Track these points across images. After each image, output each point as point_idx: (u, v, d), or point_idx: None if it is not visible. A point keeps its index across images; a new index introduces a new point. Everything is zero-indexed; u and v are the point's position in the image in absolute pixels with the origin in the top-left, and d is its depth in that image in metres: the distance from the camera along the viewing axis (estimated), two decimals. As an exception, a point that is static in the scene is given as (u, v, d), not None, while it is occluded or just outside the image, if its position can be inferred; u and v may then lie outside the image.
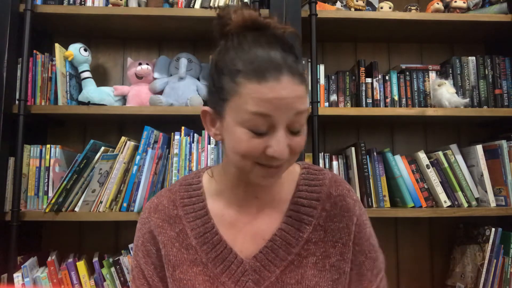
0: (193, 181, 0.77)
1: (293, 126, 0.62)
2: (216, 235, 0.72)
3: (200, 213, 0.74)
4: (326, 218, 0.73)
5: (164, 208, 0.75)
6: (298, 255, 0.70)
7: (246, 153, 0.62)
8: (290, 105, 0.60)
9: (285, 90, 0.59)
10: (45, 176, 1.38)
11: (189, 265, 0.71)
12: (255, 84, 0.59)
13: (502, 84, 1.54)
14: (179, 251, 0.72)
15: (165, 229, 0.74)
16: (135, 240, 0.78)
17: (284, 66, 0.60)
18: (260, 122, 0.60)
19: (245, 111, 0.60)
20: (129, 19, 1.45)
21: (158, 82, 1.51)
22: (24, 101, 1.33)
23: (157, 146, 1.38)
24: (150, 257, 0.75)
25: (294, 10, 1.39)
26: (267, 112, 0.59)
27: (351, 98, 1.56)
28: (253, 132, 0.61)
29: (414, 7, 1.51)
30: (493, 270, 1.34)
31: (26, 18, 1.35)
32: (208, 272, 0.70)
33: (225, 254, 0.71)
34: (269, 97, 0.59)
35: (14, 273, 1.27)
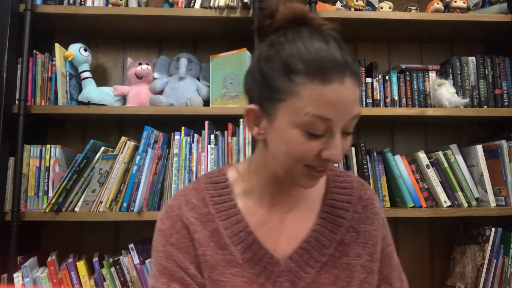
0: (220, 179, 0.74)
1: (346, 129, 0.61)
2: (250, 234, 0.69)
3: (232, 211, 0.71)
4: (358, 220, 0.73)
5: (194, 206, 0.71)
6: (331, 256, 0.70)
7: (301, 155, 0.60)
8: (350, 108, 0.59)
9: (347, 93, 0.57)
10: (45, 176, 1.38)
11: (225, 266, 0.68)
12: (318, 86, 0.56)
13: (502, 84, 1.54)
14: (214, 251, 0.68)
15: (199, 228, 0.69)
16: (165, 238, 0.70)
17: (346, 67, 0.58)
18: (320, 125, 0.58)
19: (305, 113, 0.57)
20: (129, 19, 1.45)
21: (158, 82, 1.51)
22: (24, 101, 1.33)
23: (157, 146, 1.38)
24: (189, 254, 0.69)
25: (294, 10, 1.39)
26: (329, 116, 0.57)
27: (351, 98, 1.55)
28: (309, 135, 0.59)
29: (414, 7, 1.51)
30: (493, 270, 1.34)
31: (26, 18, 1.35)
32: (245, 273, 0.68)
33: (260, 255, 0.69)
34: (332, 100, 0.57)
35: (14, 273, 1.27)
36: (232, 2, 1.40)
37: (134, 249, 1.33)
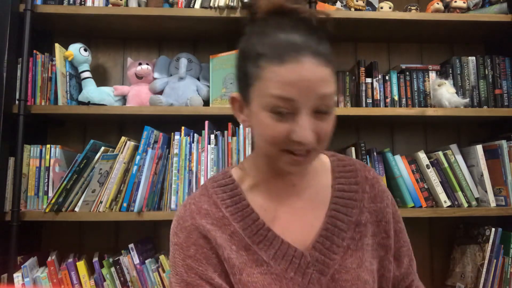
0: (226, 181, 0.74)
1: (318, 109, 0.60)
2: (269, 231, 0.69)
3: (246, 211, 0.70)
4: (368, 199, 0.74)
5: (207, 212, 0.70)
6: (352, 239, 0.71)
7: (271, 138, 0.62)
8: (313, 87, 0.58)
9: (306, 72, 0.58)
10: (45, 176, 1.38)
11: (251, 266, 0.67)
12: (276, 67, 0.58)
13: (502, 84, 1.54)
14: (238, 253, 0.68)
15: (217, 233, 0.68)
16: (182, 252, 0.68)
17: (304, 47, 0.58)
18: (283, 106, 0.59)
19: (268, 95, 0.59)
20: (129, 19, 1.45)
21: (158, 82, 1.51)
22: (24, 101, 1.33)
23: (157, 146, 1.38)
24: (210, 264, 0.67)
25: (294, 10, 1.39)
26: (289, 96, 0.58)
27: (351, 98, 1.56)
28: (277, 116, 0.60)
29: (414, 7, 1.51)
30: (493, 270, 1.34)
31: (26, 18, 1.35)
32: (273, 270, 0.67)
33: (283, 249, 0.68)
34: (290, 80, 0.58)
35: (14, 273, 1.27)
36: (232, 2, 1.40)
37: (134, 249, 1.33)
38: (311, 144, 0.60)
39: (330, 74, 0.61)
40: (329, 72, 0.60)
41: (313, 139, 0.60)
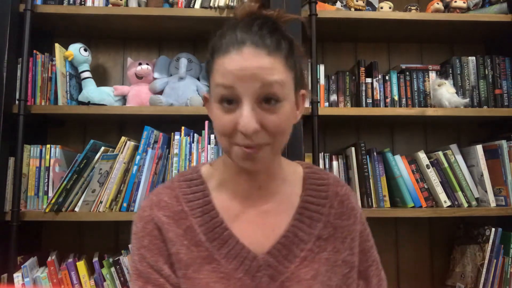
0: (193, 176, 0.75)
1: (263, 96, 0.61)
2: (226, 230, 0.70)
3: (206, 208, 0.71)
4: (335, 215, 0.74)
5: (167, 205, 0.71)
6: (310, 251, 0.71)
7: (220, 129, 0.64)
8: (254, 75, 0.60)
9: (246, 61, 0.60)
10: (45, 176, 1.38)
11: (200, 263, 0.68)
12: (221, 58, 0.62)
13: (502, 84, 1.54)
14: (188, 249, 0.69)
15: (171, 226, 0.70)
16: (138, 241, 0.70)
17: (247, 39, 0.61)
18: (226, 94, 0.61)
19: (215, 85, 0.63)
20: (129, 19, 1.45)
21: (158, 82, 1.51)
22: (24, 101, 1.33)
23: (157, 146, 1.38)
24: (161, 255, 0.69)
25: (294, 10, 1.39)
26: (230, 83, 0.61)
27: (351, 98, 1.56)
28: (224, 107, 0.62)
29: (414, 7, 1.51)
30: (493, 270, 1.34)
31: (26, 18, 1.35)
32: (222, 269, 0.68)
33: (237, 250, 0.69)
34: (231, 68, 0.61)
35: (14, 273, 1.27)
36: (232, 2, 1.40)
37: (134, 249, 1.33)
38: (252, 133, 0.60)
39: (274, 63, 0.62)
40: (273, 61, 0.61)
41: (254, 128, 0.60)
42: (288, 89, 0.65)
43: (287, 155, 1.30)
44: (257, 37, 0.62)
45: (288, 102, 0.64)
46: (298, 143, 1.32)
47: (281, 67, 0.63)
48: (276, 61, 0.62)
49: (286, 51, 0.65)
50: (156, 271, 0.69)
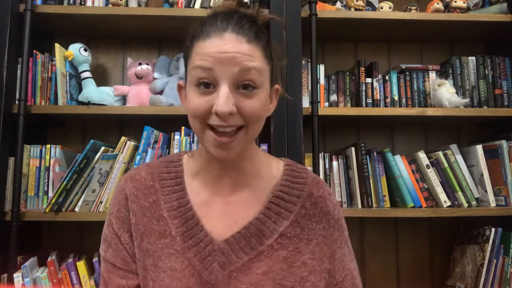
0: (174, 159, 0.79)
1: (241, 83, 0.63)
2: (189, 211, 0.72)
3: (176, 188, 0.74)
4: (304, 216, 0.73)
5: (141, 178, 0.75)
6: (269, 247, 0.70)
7: (194, 111, 0.64)
8: (233, 60, 0.62)
9: (226, 45, 0.63)
10: (45, 176, 1.38)
11: (157, 236, 0.71)
12: (201, 42, 0.65)
13: (502, 84, 1.54)
14: (149, 221, 0.72)
15: (138, 198, 0.73)
16: (110, 208, 0.76)
17: (229, 26, 0.64)
18: (204, 76, 0.63)
19: (192, 68, 0.65)
20: (129, 19, 1.45)
21: (158, 82, 1.51)
22: (24, 101, 1.33)
23: (157, 146, 1.38)
24: (125, 224, 0.73)
25: (294, 10, 1.39)
26: (208, 66, 0.62)
27: (351, 98, 1.56)
28: (201, 90, 0.64)
29: (414, 7, 1.51)
30: (493, 270, 1.34)
31: (26, 18, 1.35)
32: (175, 246, 0.69)
33: (195, 231, 0.70)
34: (210, 51, 0.63)
35: (14, 273, 1.27)
36: (232, 2, 1.40)
37: (134, 249, 1.33)
38: (227, 115, 0.62)
39: (253, 50, 0.64)
40: (252, 48, 0.64)
41: (230, 109, 0.62)
42: (265, 78, 0.67)
43: (287, 155, 1.31)
44: (238, 26, 0.65)
45: (264, 91, 0.67)
46: (298, 143, 1.32)
47: (259, 55, 0.65)
48: (255, 49, 0.65)
49: (265, 43, 0.68)
50: (118, 237, 0.73)
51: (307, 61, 1.48)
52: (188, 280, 0.67)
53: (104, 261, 0.74)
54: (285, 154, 1.31)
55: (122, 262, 0.72)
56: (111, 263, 0.72)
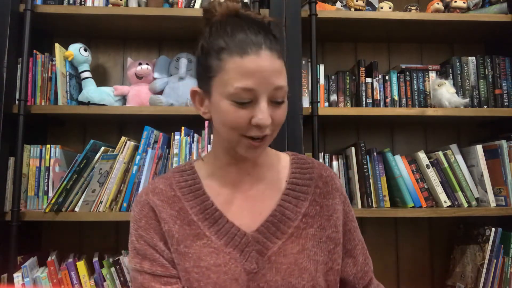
0: (186, 167, 0.82)
1: (274, 99, 0.69)
2: (216, 211, 0.76)
3: (197, 193, 0.78)
4: (320, 194, 0.80)
5: (161, 191, 0.78)
6: (297, 228, 0.76)
7: (233, 123, 0.69)
8: (270, 78, 0.67)
9: (264, 63, 0.67)
10: (45, 176, 1.38)
11: (192, 239, 0.74)
12: (238, 58, 0.66)
13: (502, 84, 1.54)
14: (181, 227, 0.75)
15: (165, 208, 0.76)
16: (136, 223, 0.77)
17: (262, 43, 0.67)
18: (245, 95, 0.67)
19: (230, 85, 0.67)
20: (129, 19, 1.45)
21: (158, 82, 1.51)
22: (24, 101, 1.33)
23: (157, 146, 1.38)
24: (157, 233, 0.76)
25: (294, 10, 1.39)
26: (250, 86, 0.66)
27: (351, 98, 1.56)
28: (238, 104, 0.67)
29: (414, 7, 1.51)
30: (493, 270, 1.34)
31: (26, 18, 1.35)
32: (212, 244, 0.73)
33: (227, 228, 0.75)
34: (251, 69, 0.66)
35: (14, 273, 1.27)
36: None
37: (134, 249, 1.33)
38: (268, 127, 0.69)
39: (282, 66, 0.70)
40: (281, 64, 0.70)
41: (270, 122, 0.68)
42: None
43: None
44: (269, 41, 0.68)
45: (286, 101, 0.72)
46: (298, 143, 1.32)
47: (284, 71, 0.71)
48: (282, 64, 0.70)
49: (283, 53, 0.73)
50: (152, 247, 0.75)
51: (307, 61, 1.48)
52: (234, 271, 0.72)
53: (140, 274, 0.75)
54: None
55: (162, 269, 0.74)
56: (149, 273, 0.74)
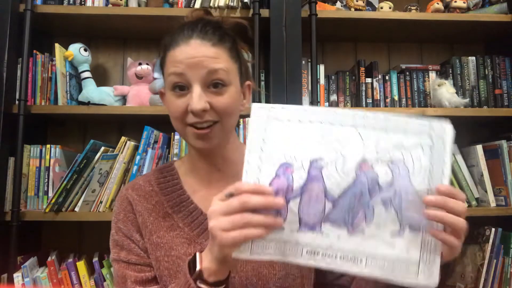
0: (166, 165, 0.86)
1: (210, 83, 0.71)
2: (191, 204, 0.79)
3: (175, 187, 0.81)
4: None
5: (140, 187, 0.82)
6: None
7: (174, 113, 0.73)
8: (201, 63, 0.70)
9: (193, 50, 0.70)
10: (45, 176, 1.38)
11: (166, 230, 0.77)
12: (172, 51, 0.72)
13: (502, 84, 1.54)
14: (155, 219, 0.79)
15: (141, 202, 0.80)
16: (116, 216, 0.82)
17: (194, 33, 0.72)
18: (178, 80, 0.71)
19: (167, 75, 0.73)
20: (129, 19, 1.45)
21: (158, 82, 1.51)
22: (24, 101, 1.33)
23: (157, 146, 1.38)
24: (134, 225, 0.80)
25: (294, 10, 1.39)
26: (180, 71, 0.70)
27: (351, 98, 1.56)
28: (177, 93, 0.71)
29: (414, 7, 1.51)
30: (493, 270, 1.34)
31: (26, 18, 1.35)
32: (185, 235, 0.77)
33: (201, 220, 0.77)
34: (180, 58, 0.71)
35: (14, 273, 1.27)
36: (232, 2, 1.40)
37: (134, 249, 1.33)
38: (201, 111, 0.69)
39: (218, 53, 0.72)
40: (216, 51, 0.71)
41: (203, 107, 0.69)
42: (233, 77, 0.74)
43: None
44: (203, 32, 0.72)
45: (234, 87, 0.74)
46: (298, 143, 1.32)
47: (225, 56, 0.73)
48: (220, 51, 0.72)
49: (230, 44, 0.75)
50: (129, 238, 0.79)
51: (307, 61, 1.48)
52: None
53: (117, 262, 0.79)
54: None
55: (137, 257, 0.78)
56: (125, 261, 0.78)
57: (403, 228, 0.57)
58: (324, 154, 0.58)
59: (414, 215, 0.57)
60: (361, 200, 0.57)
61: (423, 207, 0.56)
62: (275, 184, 0.57)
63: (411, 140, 0.58)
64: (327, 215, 0.57)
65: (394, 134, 0.58)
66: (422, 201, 0.56)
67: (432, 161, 0.58)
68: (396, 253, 0.57)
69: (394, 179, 0.57)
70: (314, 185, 0.57)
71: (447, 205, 0.55)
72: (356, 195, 0.57)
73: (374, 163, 0.58)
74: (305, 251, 0.57)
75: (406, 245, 0.57)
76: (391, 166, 0.58)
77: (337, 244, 0.57)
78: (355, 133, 0.58)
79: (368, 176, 0.57)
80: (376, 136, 0.58)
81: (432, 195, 0.56)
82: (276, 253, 0.57)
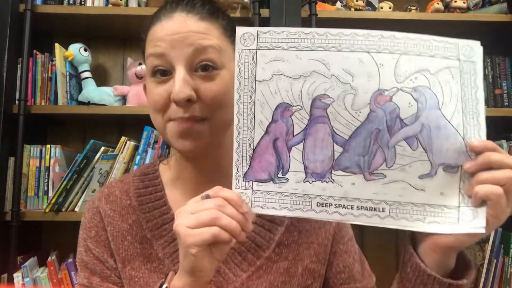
0: (149, 171, 0.70)
1: (198, 65, 0.57)
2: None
3: (157, 203, 0.66)
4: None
5: (116, 199, 0.67)
6: (268, 260, 0.63)
7: (152, 103, 0.58)
8: (184, 40, 0.56)
9: (176, 25, 0.57)
10: (45, 176, 1.38)
11: (142, 261, 0.63)
12: (151, 29, 0.60)
13: (502, 84, 1.54)
14: (131, 244, 0.64)
15: (115, 220, 0.65)
16: (85, 232, 0.66)
17: (178, 7, 0.59)
18: (158, 63, 0.57)
19: (147, 57, 0.59)
20: (129, 19, 1.45)
21: (158, 82, 1.51)
22: (24, 101, 1.33)
23: (157, 146, 1.38)
24: (106, 248, 0.65)
25: (294, 10, 1.39)
26: (160, 51, 0.57)
27: (351, 98, 1.55)
28: (157, 79, 0.58)
29: (414, 7, 1.51)
30: (493, 270, 1.34)
31: (26, 18, 1.35)
32: (164, 270, 0.62)
33: None
34: (161, 35, 0.57)
35: (14, 273, 1.27)
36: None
37: (134, 249, 1.33)
38: (186, 101, 0.55)
39: (207, 28, 0.58)
40: (206, 26, 0.58)
41: (188, 95, 0.54)
42: (227, 59, 0.59)
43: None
44: (189, 5, 0.59)
45: (228, 72, 0.58)
46: (298, 143, 1.32)
47: (217, 33, 0.59)
48: (211, 27, 0.58)
49: (224, 22, 0.61)
50: (102, 263, 0.64)
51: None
52: None
53: None
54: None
55: (115, 287, 0.64)
56: None
57: (434, 168, 0.48)
58: (329, 88, 0.48)
59: (448, 152, 0.48)
60: (379, 140, 0.48)
61: (461, 143, 0.47)
62: (272, 130, 0.49)
63: (436, 64, 0.50)
64: (338, 160, 0.49)
65: (416, 57, 0.50)
66: (456, 134, 0.47)
67: (463, 86, 0.50)
68: (427, 197, 0.48)
69: (420, 110, 0.48)
70: (319, 127, 0.49)
71: (492, 159, 0.46)
72: (372, 134, 0.48)
73: (394, 94, 0.48)
74: (315, 203, 0.50)
75: (440, 187, 0.48)
76: (415, 96, 0.48)
77: (352, 193, 0.49)
78: (368, 58, 0.48)
79: (386, 110, 0.48)
80: (394, 60, 0.49)
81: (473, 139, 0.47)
82: (281, 207, 0.50)
